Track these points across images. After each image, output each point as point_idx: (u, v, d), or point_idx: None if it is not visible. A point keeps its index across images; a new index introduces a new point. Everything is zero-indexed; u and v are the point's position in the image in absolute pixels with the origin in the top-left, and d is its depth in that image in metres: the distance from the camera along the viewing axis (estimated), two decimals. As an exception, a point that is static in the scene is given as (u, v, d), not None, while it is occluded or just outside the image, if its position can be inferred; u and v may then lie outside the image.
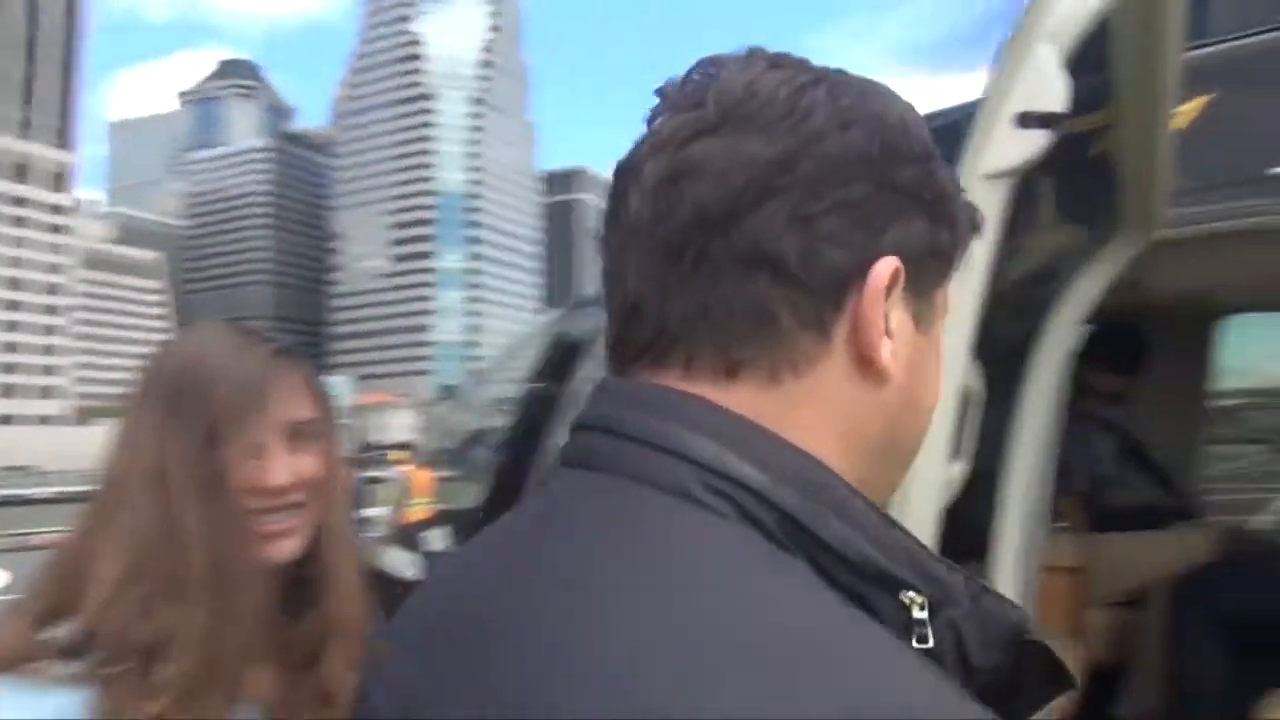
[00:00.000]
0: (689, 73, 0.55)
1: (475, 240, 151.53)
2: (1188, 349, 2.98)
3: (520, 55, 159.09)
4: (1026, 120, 0.99)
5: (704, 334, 0.51)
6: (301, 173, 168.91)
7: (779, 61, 0.54)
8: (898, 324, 0.53)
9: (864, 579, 0.48)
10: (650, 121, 0.54)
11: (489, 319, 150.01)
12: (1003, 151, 1.01)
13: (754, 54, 0.55)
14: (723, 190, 0.50)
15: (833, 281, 0.51)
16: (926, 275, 0.54)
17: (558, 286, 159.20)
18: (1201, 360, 2.97)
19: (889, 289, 0.52)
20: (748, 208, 0.50)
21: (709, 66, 0.54)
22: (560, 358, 3.11)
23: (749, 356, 0.51)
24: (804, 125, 0.51)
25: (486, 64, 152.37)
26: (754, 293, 0.50)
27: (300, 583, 1.03)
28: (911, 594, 0.49)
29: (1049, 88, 0.99)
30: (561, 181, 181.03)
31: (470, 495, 4.13)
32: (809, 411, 0.51)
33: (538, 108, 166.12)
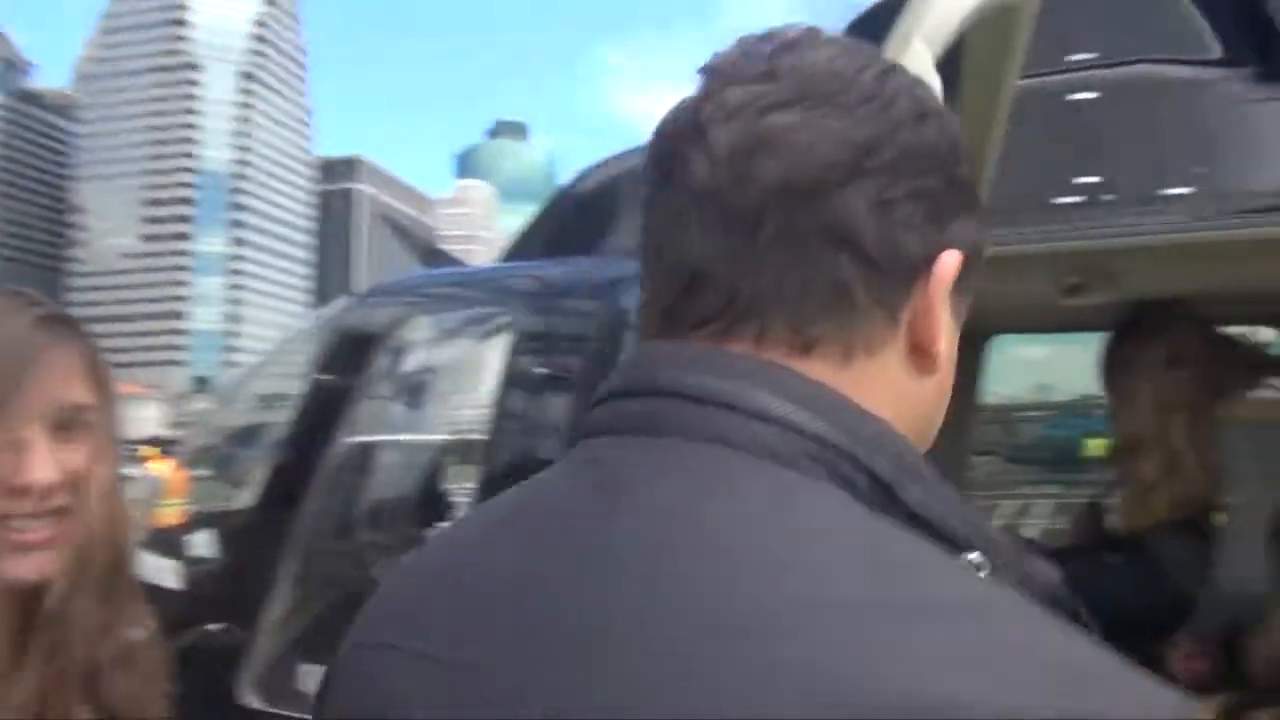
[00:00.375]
0: (743, 46, 0.54)
1: (239, 224, 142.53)
2: (961, 364, 3.17)
3: (297, 35, 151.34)
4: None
5: (779, 308, 0.51)
6: (38, 136, 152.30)
7: (848, 44, 0.55)
8: (945, 318, 0.54)
9: (936, 541, 0.48)
10: (707, 89, 0.53)
11: (252, 308, 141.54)
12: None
13: (815, 32, 0.55)
14: (810, 165, 0.50)
15: (905, 268, 0.52)
16: (972, 273, 0.55)
17: (331, 277, 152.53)
18: (973, 375, 3.18)
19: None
20: (834, 186, 0.50)
21: (765, 42, 0.54)
22: (348, 351, 2.92)
23: (824, 334, 0.51)
24: (888, 112, 0.52)
25: (259, 39, 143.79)
26: (834, 271, 0.50)
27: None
28: (974, 555, 0.49)
29: (924, 78, 0.98)
30: (337, 169, 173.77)
31: (231, 496, 3.81)
32: (874, 393, 0.52)
33: (315, 92, 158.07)
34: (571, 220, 3.10)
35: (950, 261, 0.53)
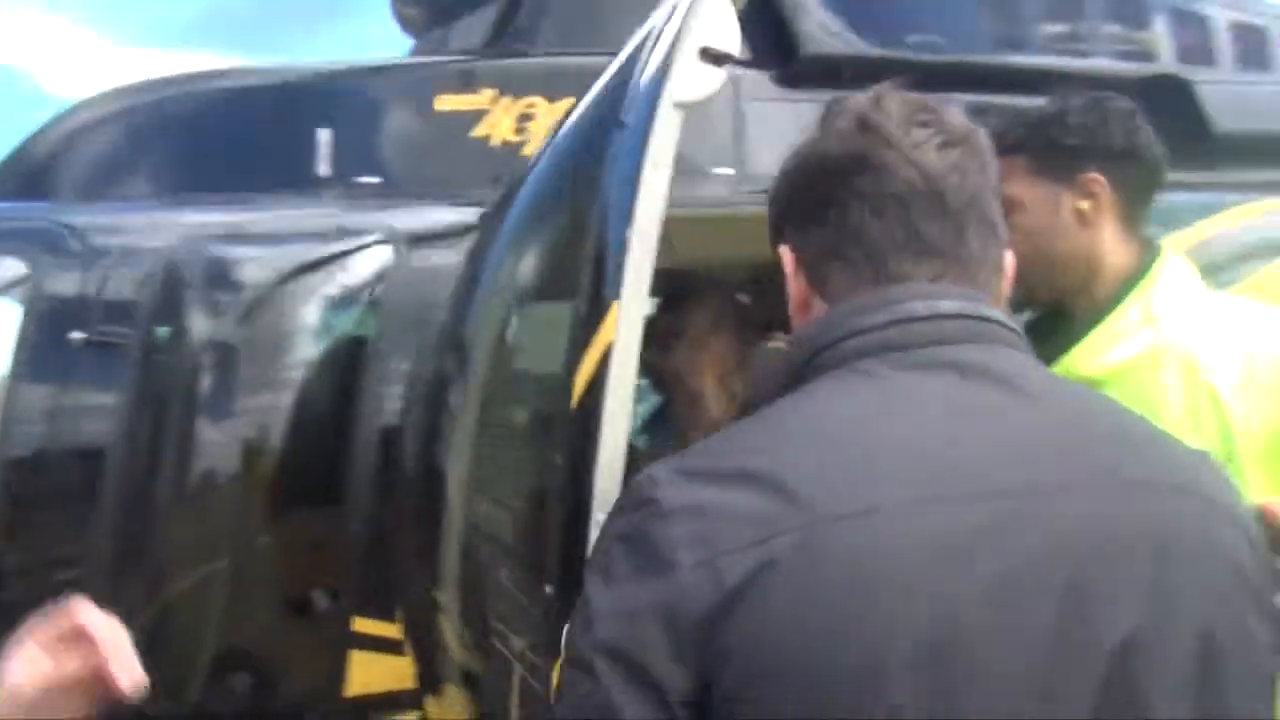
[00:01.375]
0: (898, 103, 0.81)
1: None
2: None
3: None
4: (707, 55, 0.99)
5: (980, 269, 0.81)
6: None
7: (955, 109, 0.84)
8: None
9: None
10: (877, 126, 0.80)
11: None
12: (691, 83, 1.00)
13: (939, 102, 0.83)
14: (987, 185, 0.82)
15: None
16: None
17: None
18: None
19: None
20: (991, 199, 0.82)
21: (915, 103, 0.82)
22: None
23: (995, 287, 0.82)
24: (992, 158, 0.84)
25: None
26: (997, 247, 0.83)
27: None
28: None
29: (726, 26, 1.00)
30: None
31: None
32: None
33: None
34: (47, 167, 2.54)
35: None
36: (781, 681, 0.63)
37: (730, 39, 1.01)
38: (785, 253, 0.82)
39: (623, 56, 1.22)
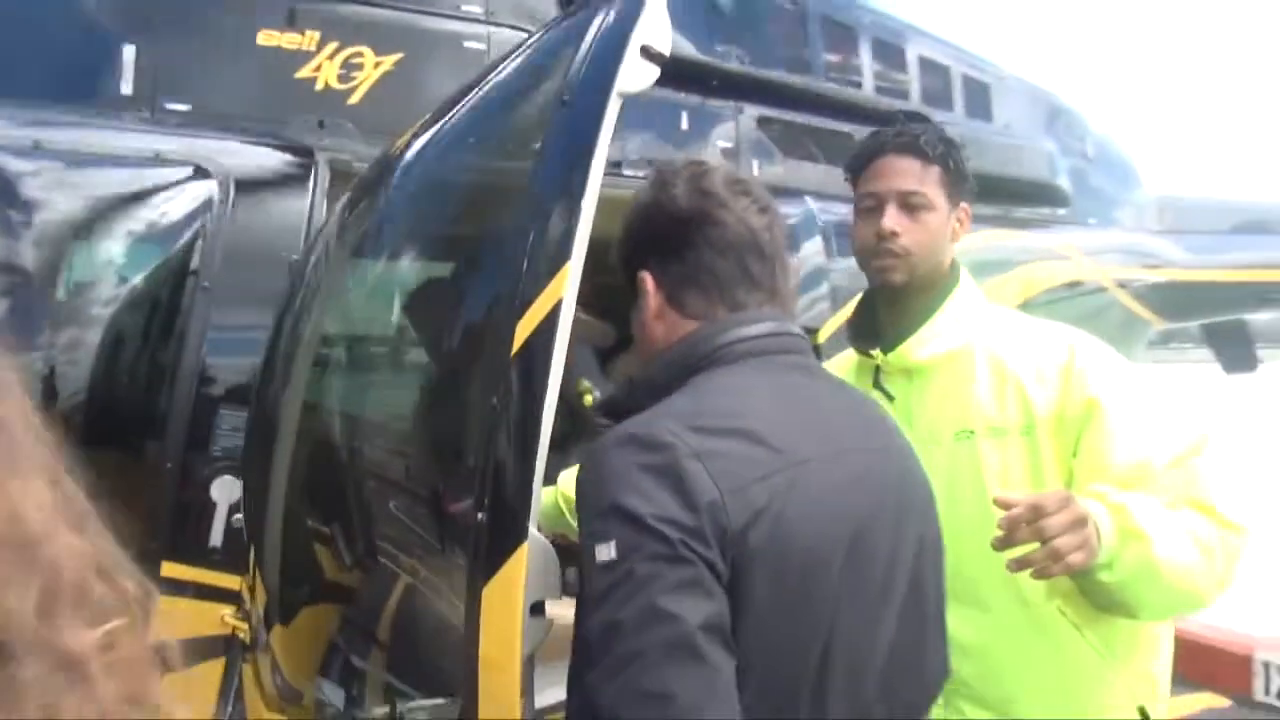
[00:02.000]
0: (724, 178, 1.11)
1: None
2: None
3: None
4: (646, 53, 1.11)
5: (787, 297, 1.12)
6: None
7: (758, 181, 1.19)
8: None
9: None
10: (710, 192, 1.09)
11: None
12: (634, 77, 1.11)
13: (751, 177, 1.19)
14: (783, 239, 1.13)
15: None
16: None
17: None
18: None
19: None
20: (786, 248, 1.14)
21: (735, 178, 1.13)
22: None
23: (794, 309, 1.15)
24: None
25: None
26: (791, 282, 1.13)
27: None
28: None
29: (663, 28, 1.13)
30: None
31: None
32: None
33: None
34: None
35: None
36: (785, 567, 0.94)
37: (664, 40, 1.13)
38: (646, 276, 1.09)
39: (544, 40, 1.31)
